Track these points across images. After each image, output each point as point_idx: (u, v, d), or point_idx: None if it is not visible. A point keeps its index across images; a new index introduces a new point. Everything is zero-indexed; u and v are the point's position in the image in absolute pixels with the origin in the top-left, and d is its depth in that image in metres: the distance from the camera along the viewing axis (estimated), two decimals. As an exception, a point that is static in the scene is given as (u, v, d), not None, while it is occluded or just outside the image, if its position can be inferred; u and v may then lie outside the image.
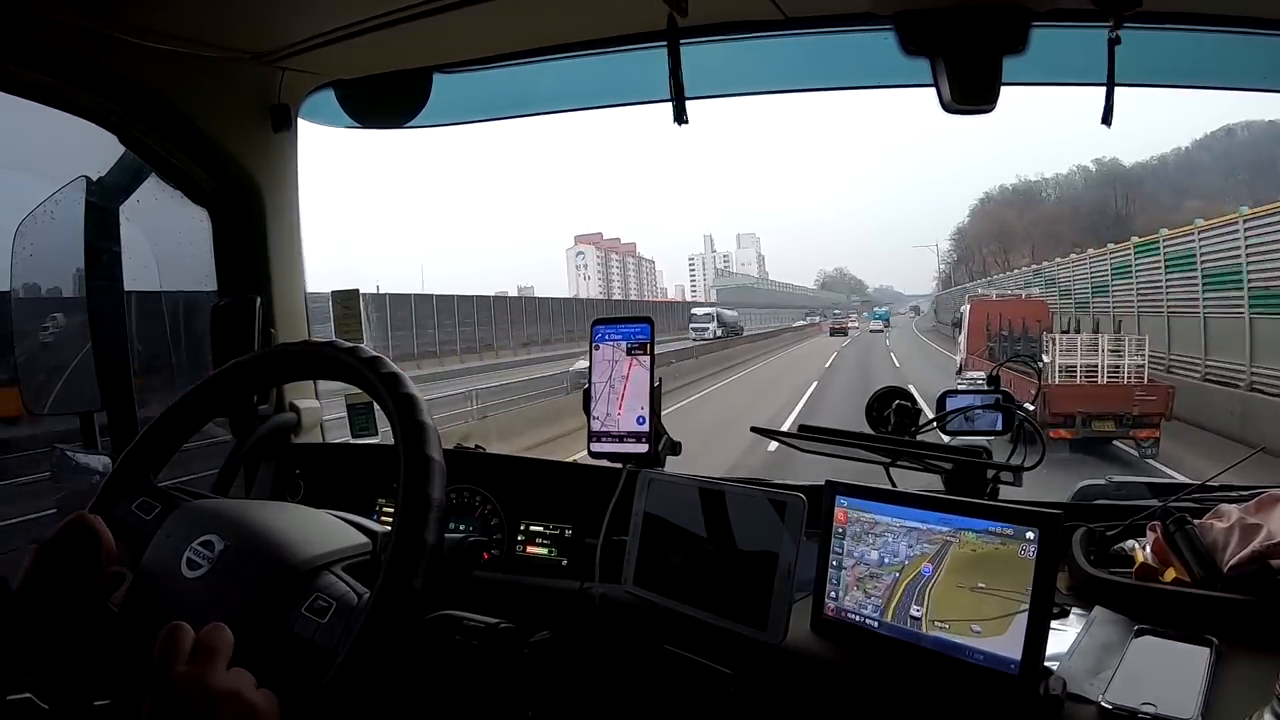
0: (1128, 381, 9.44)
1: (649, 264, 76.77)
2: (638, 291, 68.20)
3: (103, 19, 1.10)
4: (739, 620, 0.93)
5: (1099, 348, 9.71)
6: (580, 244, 76.74)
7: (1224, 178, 45.86)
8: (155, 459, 0.86)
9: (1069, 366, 9.68)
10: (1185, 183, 47.83)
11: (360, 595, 0.72)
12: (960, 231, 55.90)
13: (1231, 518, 0.90)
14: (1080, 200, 48.85)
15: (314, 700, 0.64)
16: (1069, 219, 45.26)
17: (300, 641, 0.70)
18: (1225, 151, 49.31)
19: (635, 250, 79.52)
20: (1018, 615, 0.77)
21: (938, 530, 0.84)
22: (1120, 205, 41.92)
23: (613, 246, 78.06)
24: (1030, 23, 1.09)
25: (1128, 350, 9.63)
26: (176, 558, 0.74)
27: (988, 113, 1.14)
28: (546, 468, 1.37)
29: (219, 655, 0.62)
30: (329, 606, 0.70)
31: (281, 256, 1.50)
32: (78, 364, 1.39)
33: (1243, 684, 0.73)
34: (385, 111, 1.49)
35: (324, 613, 0.70)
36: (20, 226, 1.37)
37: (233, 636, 0.63)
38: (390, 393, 0.75)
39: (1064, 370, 9.64)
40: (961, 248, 55.20)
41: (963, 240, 55.10)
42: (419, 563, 0.68)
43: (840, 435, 1.18)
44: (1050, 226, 45.45)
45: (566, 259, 76.34)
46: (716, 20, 1.22)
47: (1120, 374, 9.57)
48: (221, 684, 0.60)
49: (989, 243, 53.45)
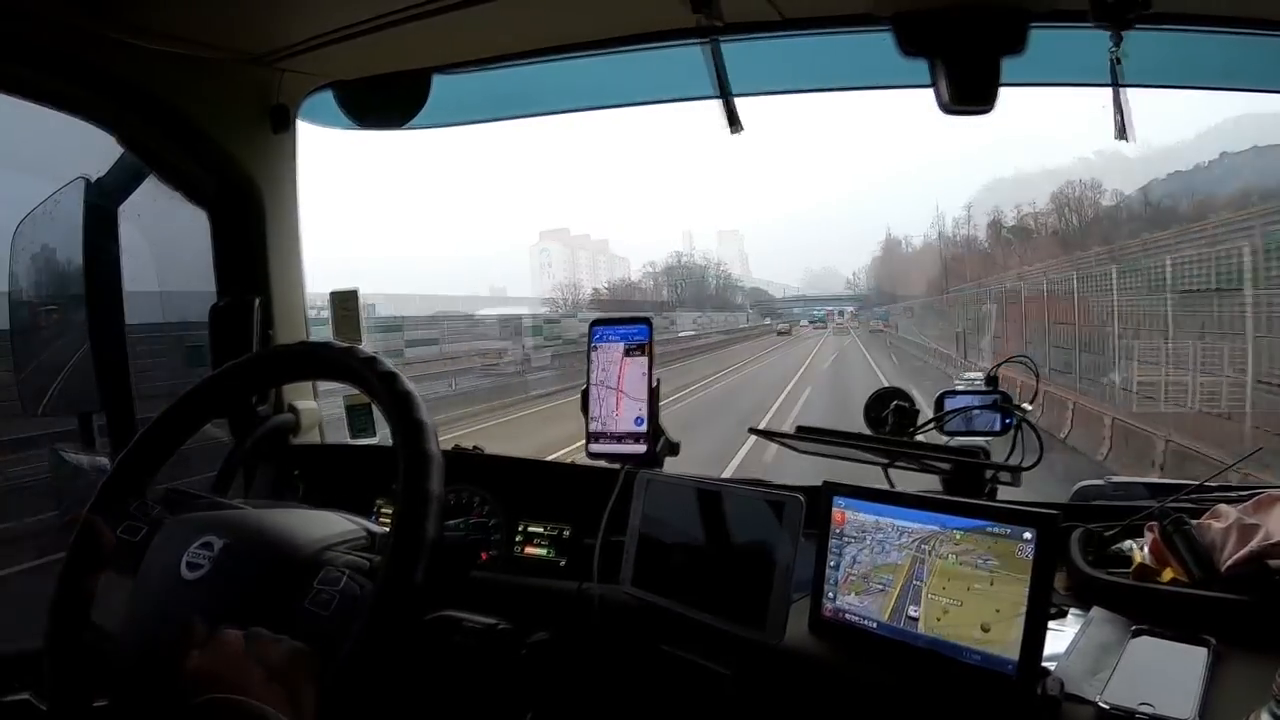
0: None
1: (623, 261, 74.51)
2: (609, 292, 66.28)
3: (102, 20, 1.11)
4: (737, 621, 0.93)
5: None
6: (545, 240, 74.78)
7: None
8: (147, 469, 0.86)
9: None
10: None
11: (363, 587, 0.72)
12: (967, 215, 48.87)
13: (1229, 518, 0.90)
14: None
15: (320, 693, 0.64)
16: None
17: (315, 617, 0.70)
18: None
19: (607, 248, 77.90)
20: (1015, 616, 0.77)
21: (935, 531, 0.84)
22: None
23: (581, 243, 76.36)
24: (1029, 23, 1.09)
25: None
26: (175, 563, 0.74)
27: (986, 113, 1.15)
28: (544, 468, 1.37)
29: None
30: (340, 577, 0.71)
31: (281, 257, 1.50)
32: (76, 365, 1.39)
33: (1240, 684, 0.73)
34: (384, 112, 1.49)
35: (336, 581, 0.71)
36: (19, 227, 1.37)
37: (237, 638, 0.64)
38: (387, 391, 0.76)
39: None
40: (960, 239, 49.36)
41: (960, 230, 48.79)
42: (419, 557, 0.68)
43: (838, 436, 1.18)
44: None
45: (530, 255, 74.56)
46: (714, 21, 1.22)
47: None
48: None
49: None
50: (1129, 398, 7.07)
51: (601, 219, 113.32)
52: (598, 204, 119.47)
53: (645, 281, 67.67)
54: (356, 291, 1.59)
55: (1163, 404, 6.63)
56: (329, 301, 1.59)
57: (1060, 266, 11.84)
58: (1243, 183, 22.63)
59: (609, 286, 64.30)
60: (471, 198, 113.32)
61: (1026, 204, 38.03)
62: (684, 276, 66.82)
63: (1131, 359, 7.32)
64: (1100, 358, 8.63)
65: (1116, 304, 8.40)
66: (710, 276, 69.36)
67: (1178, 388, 6.52)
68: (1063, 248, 27.51)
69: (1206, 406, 6.24)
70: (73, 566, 0.79)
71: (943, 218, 51.50)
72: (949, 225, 43.28)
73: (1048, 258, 20.69)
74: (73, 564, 0.79)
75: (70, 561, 0.79)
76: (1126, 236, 17.20)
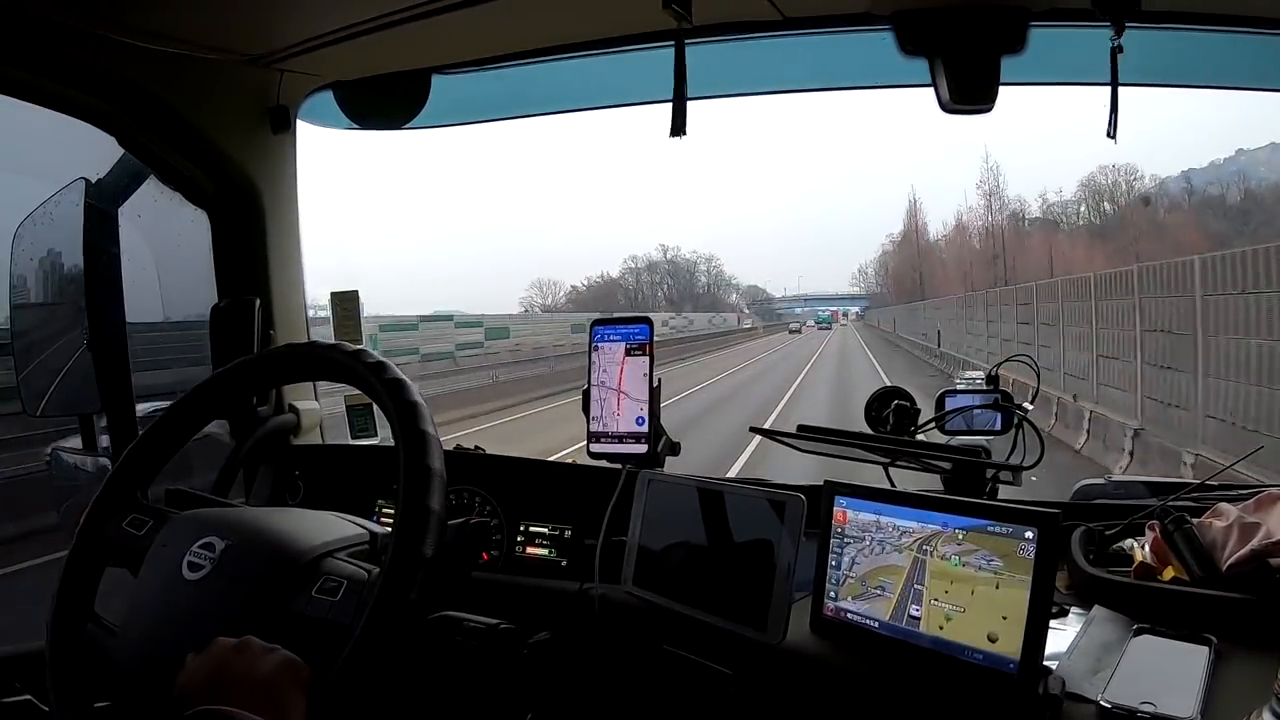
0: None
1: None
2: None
3: (101, 21, 1.11)
4: (738, 621, 0.93)
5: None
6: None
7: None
8: (150, 468, 0.86)
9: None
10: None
11: (370, 571, 0.72)
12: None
13: (1230, 517, 0.90)
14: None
15: (336, 675, 0.65)
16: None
17: (314, 622, 0.70)
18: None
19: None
20: (1016, 615, 0.77)
21: (937, 530, 0.84)
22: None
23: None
24: (1029, 22, 1.09)
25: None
26: (176, 564, 0.74)
27: (986, 112, 1.15)
28: (546, 469, 1.37)
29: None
30: (340, 585, 0.72)
31: (281, 258, 1.50)
32: (77, 365, 1.39)
33: (1242, 683, 0.73)
34: (384, 113, 1.50)
35: (336, 591, 0.71)
36: (19, 228, 1.37)
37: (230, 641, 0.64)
38: (394, 399, 0.75)
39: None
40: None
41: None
42: (415, 575, 0.68)
43: (839, 435, 1.18)
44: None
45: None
46: (714, 21, 1.22)
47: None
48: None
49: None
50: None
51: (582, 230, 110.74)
52: (579, 216, 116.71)
53: (627, 278, 64.20)
54: (357, 293, 1.59)
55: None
56: (329, 302, 1.59)
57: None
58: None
59: (588, 285, 61.75)
60: (466, 206, 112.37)
61: (1052, 191, 34.10)
62: (669, 273, 64.11)
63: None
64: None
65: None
66: (701, 273, 66.77)
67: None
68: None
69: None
70: (75, 565, 0.79)
71: (961, 214, 46.78)
72: (964, 213, 39.53)
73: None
74: (75, 562, 0.79)
75: (72, 560, 0.79)
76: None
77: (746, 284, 76.24)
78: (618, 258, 66.88)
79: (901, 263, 53.93)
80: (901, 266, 53.55)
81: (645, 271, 64.63)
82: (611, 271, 65.88)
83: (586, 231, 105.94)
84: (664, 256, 65.93)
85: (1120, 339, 9.10)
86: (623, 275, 64.81)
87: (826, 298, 74.32)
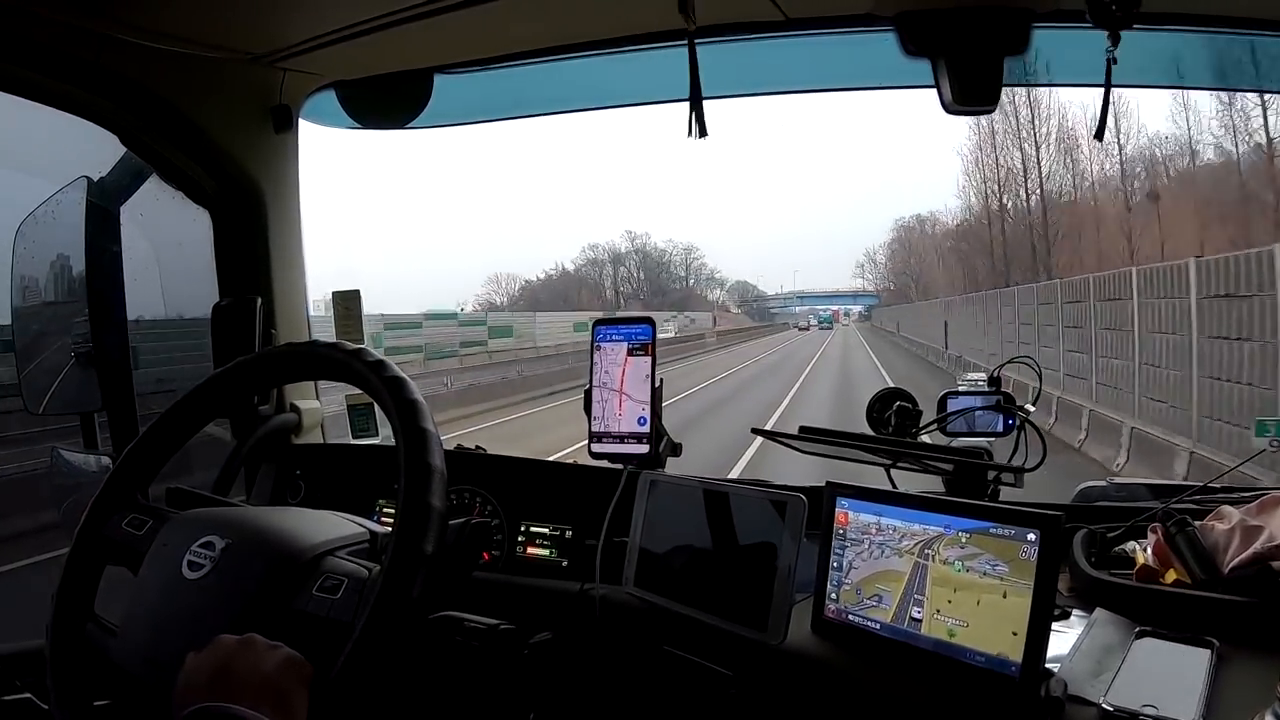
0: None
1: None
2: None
3: (103, 19, 1.11)
4: (739, 622, 0.93)
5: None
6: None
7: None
8: (150, 467, 0.86)
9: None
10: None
11: (370, 569, 0.72)
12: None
13: (1232, 519, 0.90)
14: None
15: (337, 672, 0.65)
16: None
17: (315, 620, 0.70)
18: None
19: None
20: (1018, 617, 0.77)
21: (940, 532, 0.83)
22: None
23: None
24: (1031, 23, 1.09)
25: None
26: (177, 562, 0.74)
27: (989, 113, 1.15)
28: (546, 469, 1.37)
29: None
30: (341, 583, 0.71)
31: (282, 257, 1.50)
32: (78, 364, 1.39)
33: (1244, 686, 0.73)
34: (386, 112, 1.50)
35: (336, 589, 0.71)
36: (21, 227, 1.37)
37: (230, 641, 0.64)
38: (394, 397, 0.75)
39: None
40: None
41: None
42: (415, 574, 0.68)
43: (841, 436, 1.18)
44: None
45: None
46: (717, 21, 1.22)
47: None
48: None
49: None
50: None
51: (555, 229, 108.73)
52: (552, 215, 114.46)
53: (587, 271, 54.42)
54: (358, 292, 1.59)
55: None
56: (331, 301, 1.59)
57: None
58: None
59: (541, 279, 53.44)
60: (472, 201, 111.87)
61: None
62: (639, 265, 54.82)
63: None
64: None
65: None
66: (676, 266, 57.14)
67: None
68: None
69: None
70: (75, 564, 0.79)
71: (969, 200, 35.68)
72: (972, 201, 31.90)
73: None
74: (75, 562, 0.79)
75: (72, 559, 0.79)
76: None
77: (735, 279, 68.00)
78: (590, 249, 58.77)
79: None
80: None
81: (609, 264, 55.80)
82: (568, 265, 56.75)
83: (558, 223, 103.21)
84: (631, 245, 56.43)
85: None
86: (579, 269, 55.59)
87: (826, 294, 72.21)
